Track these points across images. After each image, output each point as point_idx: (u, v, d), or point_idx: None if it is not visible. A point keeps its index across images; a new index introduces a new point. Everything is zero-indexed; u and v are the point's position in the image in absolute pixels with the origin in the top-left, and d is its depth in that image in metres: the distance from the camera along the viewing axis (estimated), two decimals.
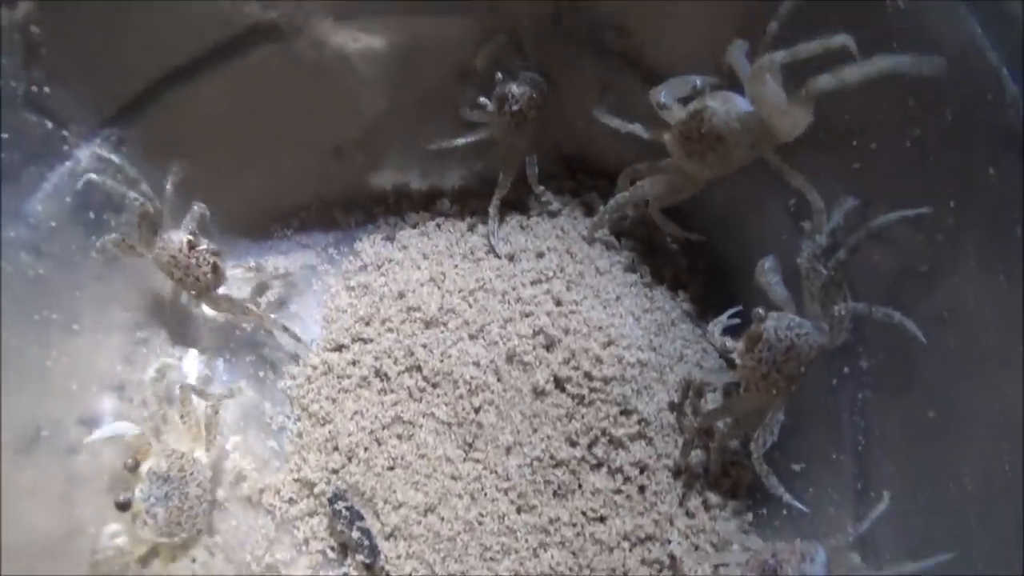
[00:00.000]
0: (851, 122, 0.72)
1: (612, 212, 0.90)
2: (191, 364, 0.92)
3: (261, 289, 0.96)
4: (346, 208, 1.01)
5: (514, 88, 0.87)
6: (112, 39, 0.79)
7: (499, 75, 0.88)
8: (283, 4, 0.84)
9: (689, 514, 0.81)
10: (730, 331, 0.78)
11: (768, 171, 0.78)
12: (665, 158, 0.84)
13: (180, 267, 0.85)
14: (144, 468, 0.78)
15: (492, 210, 0.94)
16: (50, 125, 0.79)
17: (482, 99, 0.89)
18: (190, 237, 0.85)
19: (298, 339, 0.92)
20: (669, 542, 0.78)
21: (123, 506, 0.76)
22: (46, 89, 0.77)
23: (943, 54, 0.61)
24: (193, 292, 0.88)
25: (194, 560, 0.80)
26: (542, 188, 0.95)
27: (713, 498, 0.81)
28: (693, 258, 0.96)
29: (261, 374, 0.93)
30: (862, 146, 0.72)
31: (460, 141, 0.93)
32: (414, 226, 0.99)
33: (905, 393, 0.68)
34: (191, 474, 0.79)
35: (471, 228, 0.98)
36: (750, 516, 0.81)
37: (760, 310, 0.73)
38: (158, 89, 0.85)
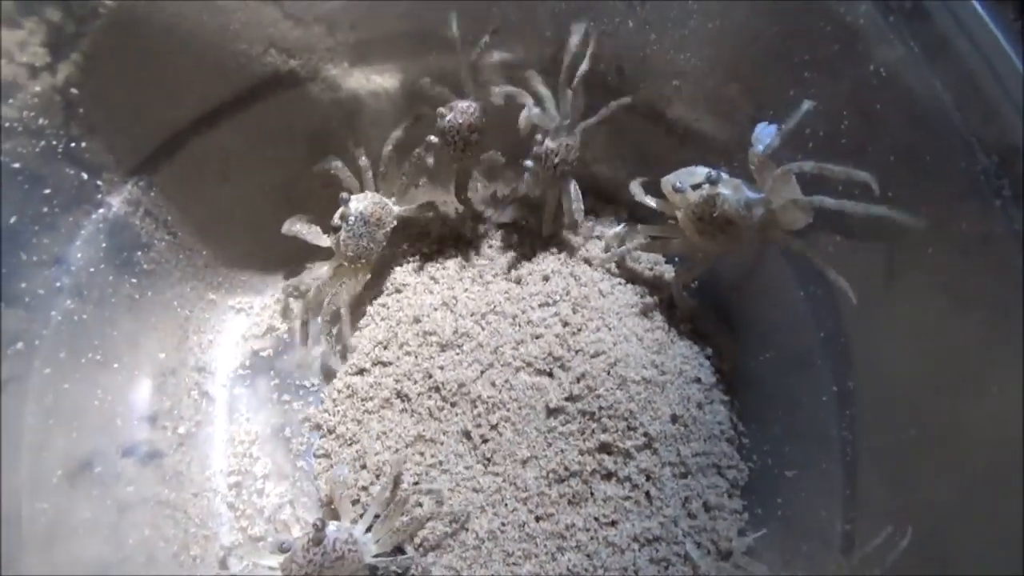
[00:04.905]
0: None
1: (621, 256, 0.98)
2: None
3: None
4: None
5: (549, 143, 0.92)
6: (143, 92, 0.84)
7: (537, 136, 0.93)
8: (302, 53, 0.89)
9: (691, 515, 0.89)
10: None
11: None
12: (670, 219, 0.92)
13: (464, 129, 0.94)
14: (352, 206, 0.96)
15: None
16: (85, 176, 0.83)
17: (527, 162, 0.93)
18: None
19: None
20: (681, 543, 0.86)
21: (342, 217, 0.96)
22: (83, 144, 0.81)
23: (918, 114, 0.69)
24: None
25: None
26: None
27: (712, 499, 0.89)
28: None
29: (287, 398, 0.98)
30: None
31: (506, 212, 1.05)
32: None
33: (888, 412, 0.76)
34: (386, 221, 0.98)
35: (476, 252, 1.03)
36: (746, 516, 0.90)
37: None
38: (183, 136, 0.90)
